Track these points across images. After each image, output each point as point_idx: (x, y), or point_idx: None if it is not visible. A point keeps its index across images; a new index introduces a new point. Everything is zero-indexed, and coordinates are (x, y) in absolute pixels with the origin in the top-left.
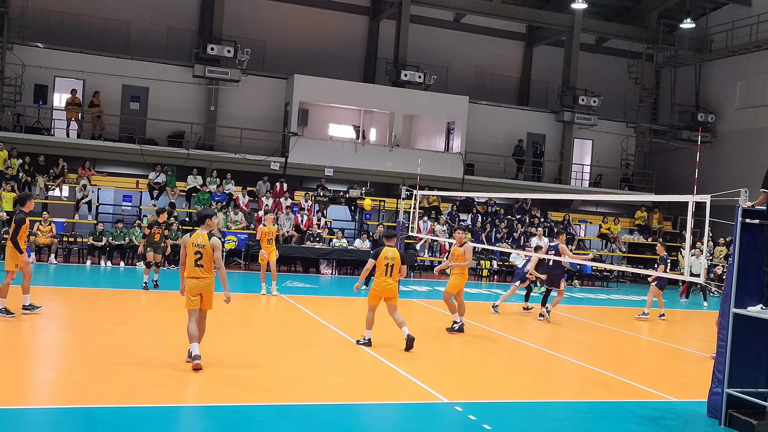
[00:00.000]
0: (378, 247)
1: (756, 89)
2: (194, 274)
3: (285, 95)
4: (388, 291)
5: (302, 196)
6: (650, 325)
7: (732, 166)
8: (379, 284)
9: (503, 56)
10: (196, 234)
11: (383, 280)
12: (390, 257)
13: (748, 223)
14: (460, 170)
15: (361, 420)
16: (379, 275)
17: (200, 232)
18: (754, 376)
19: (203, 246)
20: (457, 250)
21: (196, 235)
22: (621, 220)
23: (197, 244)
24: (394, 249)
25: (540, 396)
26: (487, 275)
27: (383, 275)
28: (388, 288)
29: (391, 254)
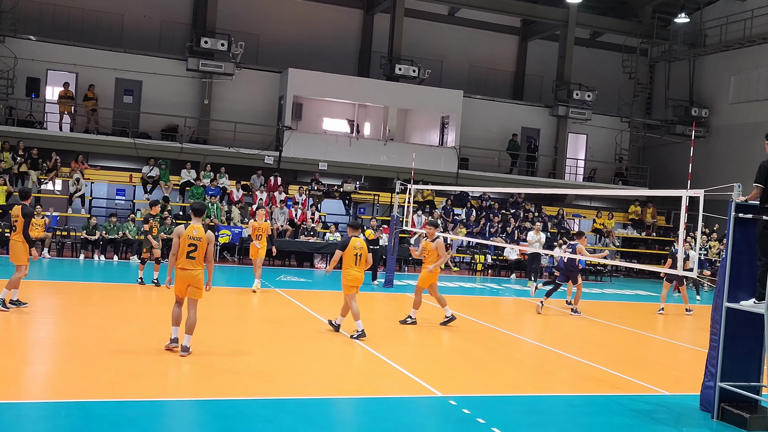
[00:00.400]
0: (344, 238)
1: (750, 84)
2: (185, 266)
3: (279, 89)
4: (359, 280)
5: (296, 190)
6: (644, 320)
7: (726, 161)
8: (352, 274)
9: (498, 50)
10: (192, 226)
11: (356, 269)
12: (358, 247)
13: (741, 217)
14: (455, 164)
15: (356, 414)
16: (348, 265)
17: (196, 224)
18: (747, 370)
19: (199, 239)
20: (429, 245)
21: (191, 228)
22: (615, 214)
23: (193, 236)
24: (360, 239)
25: (534, 390)
26: (481, 269)
27: (353, 265)
28: (360, 277)
29: (358, 244)
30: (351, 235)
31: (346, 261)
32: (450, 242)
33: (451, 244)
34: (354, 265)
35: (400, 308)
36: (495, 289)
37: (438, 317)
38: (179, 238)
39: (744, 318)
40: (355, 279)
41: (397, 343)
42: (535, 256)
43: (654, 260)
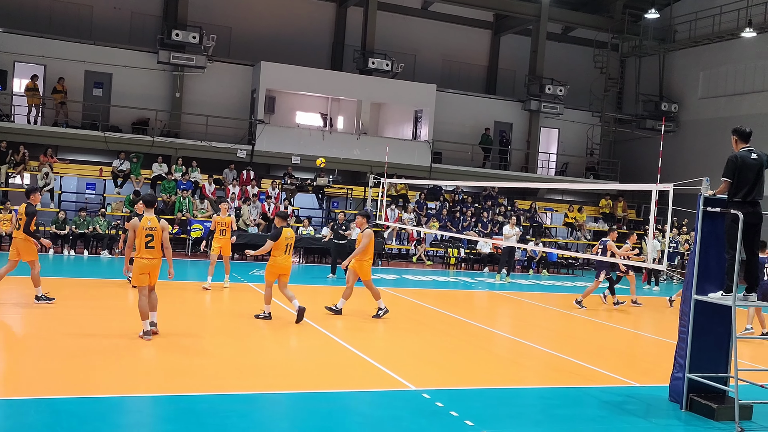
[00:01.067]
0: (276, 230)
1: (718, 79)
2: (145, 255)
3: (252, 82)
4: (286, 268)
5: (269, 184)
6: (615, 312)
7: (695, 155)
8: (279, 262)
9: (471, 45)
10: (146, 218)
11: (284, 258)
12: (289, 237)
13: (709, 211)
14: (428, 158)
15: (329, 408)
16: (278, 254)
17: (149, 216)
18: (715, 361)
19: (154, 228)
20: (360, 236)
21: (145, 219)
22: (586, 208)
23: (148, 227)
24: (290, 229)
25: (507, 383)
26: (454, 263)
27: (283, 254)
28: (287, 265)
29: (289, 234)
30: (281, 225)
31: (277, 250)
32: (423, 236)
33: (425, 237)
34: (283, 254)
35: (373, 302)
36: (468, 282)
37: (413, 311)
38: (134, 231)
39: (712, 310)
40: (281, 267)
41: (370, 337)
42: (510, 249)
43: None
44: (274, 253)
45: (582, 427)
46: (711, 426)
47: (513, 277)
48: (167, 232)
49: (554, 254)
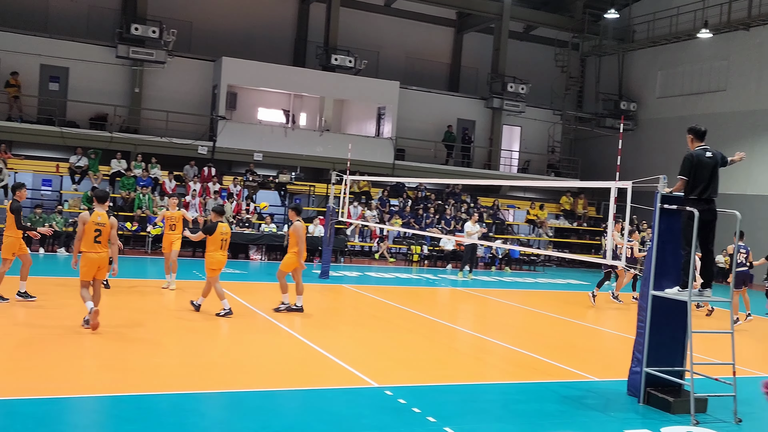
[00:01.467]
0: (211, 224)
1: (675, 79)
2: (93, 249)
3: (213, 78)
4: (221, 263)
5: (231, 181)
6: (576, 308)
7: (653, 154)
8: (215, 257)
9: (434, 42)
10: (96, 213)
11: (220, 254)
12: (224, 232)
13: (666, 208)
14: (391, 155)
15: (291, 406)
16: (214, 249)
17: (100, 211)
18: (671, 355)
19: (103, 224)
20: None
21: (96, 214)
22: (547, 205)
23: (98, 222)
24: (226, 224)
25: (469, 379)
26: (417, 260)
27: (218, 249)
28: (222, 261)
29: (225, 229)
30: (216, 220)
31: (213, 245)
32: (386, 233)
33: (387, 234)
34: (219, 249)
35: (337, 299)
36: (431, 279)
37: (375, 308)
38: (84, 225)
39: (669, 305)
40: (218, 262)
41: (333, 334)
42: (473, 246)
43: (585, 250)
44: (210, 248)
45: (543, 421)
46: (667, 419)
47: (476, 273)
48: (116, 229)
49: (516, 251)
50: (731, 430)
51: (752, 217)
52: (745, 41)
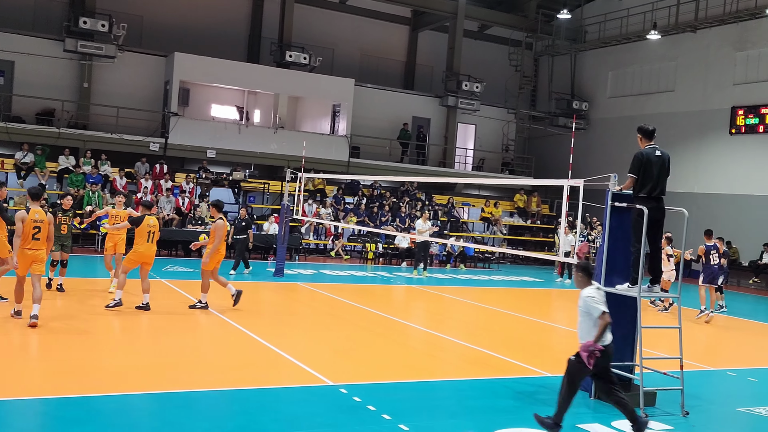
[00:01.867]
0: (138, 216)
1: (626, 79)
2: (31, 246)
3: (165, 73)
4: (148, 257)
5: (183, 179)
6: (529, 305)
7: (604, 152)
8: (140, 251)
9: (389, 40)
10: (33, 210)
11: (146, 247)
12: (152, 225)
13: (617, 206)
14: (346, 153)
15: (245, 405)
16: (141, 242)
17: (36, 208)
18: (622, 350)
19: (42, 221)
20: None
21: (33, 212)
22: (501, 203)
23: (36, 219)
24: (154, 217)
25: (423, 376)
26: (372, 258)
27: (146, 242)
28: (149, 254)
29: (152, 222)
30: (143, 213)
31: (140, 238)
32: (341, 231)
33: (342, 232)
34: (146, 242)
35: (291, 297)
36: (386, 277)
37: (329, 306)
38: (23, 222)
39: (619, 301)
40: (141, 255)
41: (287, 332)
42: (425, 244)
43: (539, 247)
44: (137, 241)
45: (496, 417)
46: (618, 413)
47: (431, 271)
48: (52, 227)
49: (471, 248)
50: (678, 422)
51: (699, 214)
52: (693, 43)
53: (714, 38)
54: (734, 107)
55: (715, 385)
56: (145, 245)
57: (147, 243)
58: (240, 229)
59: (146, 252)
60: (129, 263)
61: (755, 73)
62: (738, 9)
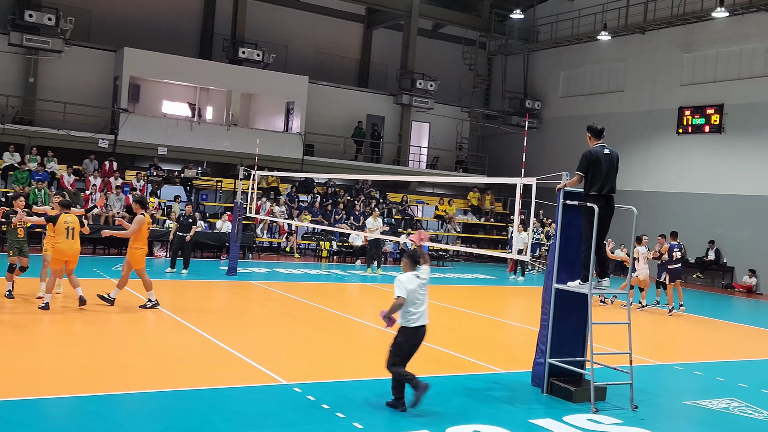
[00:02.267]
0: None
1: (577, 80)
2: None
3: (114, 69)
4: (70, 255)
5: (134, 176)
6: (482, 302)
7: (556, 151)
8: (60, 248)
9: (343, 37)
10: None
11: (66, 243)
12: (69, 221)
13: (568, 204)
14: (300, 151)
15: (197, 406)
16: (60, 240)
17: None
18: (573, 346)
19: None
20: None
21: None
22: (455, 201)
23: None
24: (72, 215)
25: (378, 374)
26: (326, 256)
27: (64, 239)
28: (70, 252)
29: (69, 219)
30: (61, 211)
31: (58, 236)
32: (295, 229)
33: (296, 230)
34: (65, 239)
35: (244, 296)
36: (340, 275)
37: (284, 304)
38: None
39: (570, 298)
40: (63, 253)
41: (240, 332)
42: (377, 242)
43: (492, 245)
44: (56, 239)
45: (450, 415)
46: (569, 408)
47: (385, 269)
48: None
49: (425, 246)
50: (628, 416)
51: (648, 212)
52: (642, 44)
53: (662, 40)
54: (681, 107)
55: (663, 379)
56: (65, 242)
57: (67, 240)
58: (185, 226)
59: (68, 249)
60: (54, 264)
61: (701, 74)
62: (685, 12)
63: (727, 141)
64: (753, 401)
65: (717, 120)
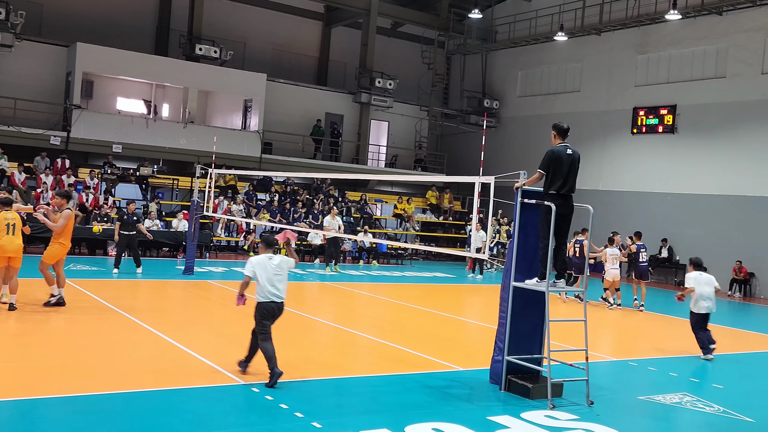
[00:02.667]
0: None
1: (534, 79)
2: None
3: (66, 64)
4: (11, 251)
5: (87, 174)
6: (441, 300)
7: (514, 150)
8: (1, 243)
9: (302, 35)
10: None
11: (8, 240)
12: (10, 218)
13: (526, 203)
14: (258, 149)
15: (153, 407)
16: (2, 236)
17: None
18: (530, 344)
19: None
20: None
21: None
22: (414, 199)
23: None
24: (13, 211)
25: (337, 373)
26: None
27: (5, 235)
28: (11, 248)
29: (10, 215)
30: (1, 210)
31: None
32: (253, 228)
33: (254, 229)
34: (6, 235)
35: (201, 295)
36: (299, 274)
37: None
38: None
39: (528, 296)
40: (3, 249)
41: (197, 331)
42: (334, 240)
43: (451, 243)
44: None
45: (409, 412)
46: (526, 404)
47: (344, 267)
48: None
49: (384, 245)
50: (584, 412)
51: (603, 210)
52: (598, 45)
53: (617, 41)
54: (636, 108)
55: (618, 375)
56: (5, 238)
57: (7, 236)
58: (129, 224)
59: (8, 246)
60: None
61: (655, 76)
62: (639, 14)
63: (680, 141)
64: (704, 395)
65: (670, 120)
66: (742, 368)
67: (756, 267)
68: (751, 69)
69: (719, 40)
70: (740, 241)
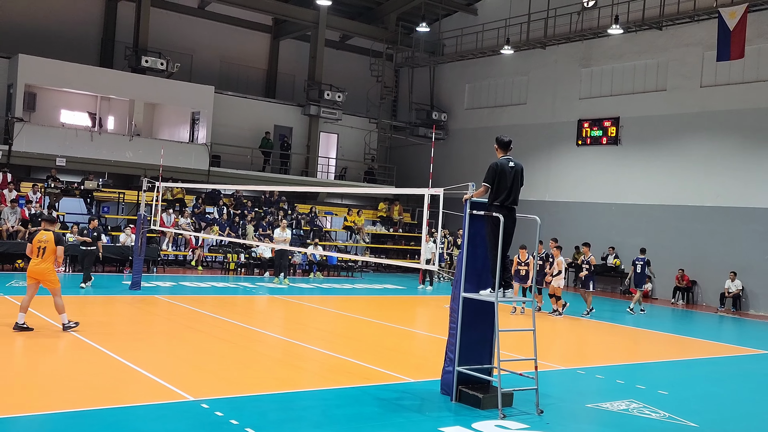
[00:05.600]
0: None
1: (481, 92)
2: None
3: (8, 76)
4: (39, 273)
5: (30, 188)
6: (390, 312)
7: (462, 162)
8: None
9: (250, 47)
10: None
11: (35, 263)
12: (44, 240)
13: (475, 214)
14: (206, 162)
15: (99, 426)
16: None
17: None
18: (480, 354)
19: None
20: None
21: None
22: (364, 211)
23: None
24: (48, 233)
25: (287, 387)
26: (234, 268)
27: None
28: (34, 270)
29: (45, 237)
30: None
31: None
32: (201, 242)
33: (203, 243)
34: (35, 258)
35: (149, 311)
36: (248, 287)
37: (187, 318)
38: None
39: (478, 307)
40: (28, 270)
41: (144, 348)
42: (283, 252)
43: (401, 255)
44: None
45: (361, 425)
46: (477, 414)
47: (294, 281)
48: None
49: (334, 257)
50: (534, 421)
51: (550, 220)
52: (543, 59)
53: (561, 55)
54: (580, 120)
55: (566, 383)
56: (34, 261)
57: (36, 258)
58: (88, 239)
59: (32, 268)
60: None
61: (598, 89)
62: (582, 28)
63: (623, 152)
64: (650, 402)
65: (614, 132)
66: (686, 374)
67: (698, 275)
68: (690, 82)
69: (660, 54)
70: (682, 250)
